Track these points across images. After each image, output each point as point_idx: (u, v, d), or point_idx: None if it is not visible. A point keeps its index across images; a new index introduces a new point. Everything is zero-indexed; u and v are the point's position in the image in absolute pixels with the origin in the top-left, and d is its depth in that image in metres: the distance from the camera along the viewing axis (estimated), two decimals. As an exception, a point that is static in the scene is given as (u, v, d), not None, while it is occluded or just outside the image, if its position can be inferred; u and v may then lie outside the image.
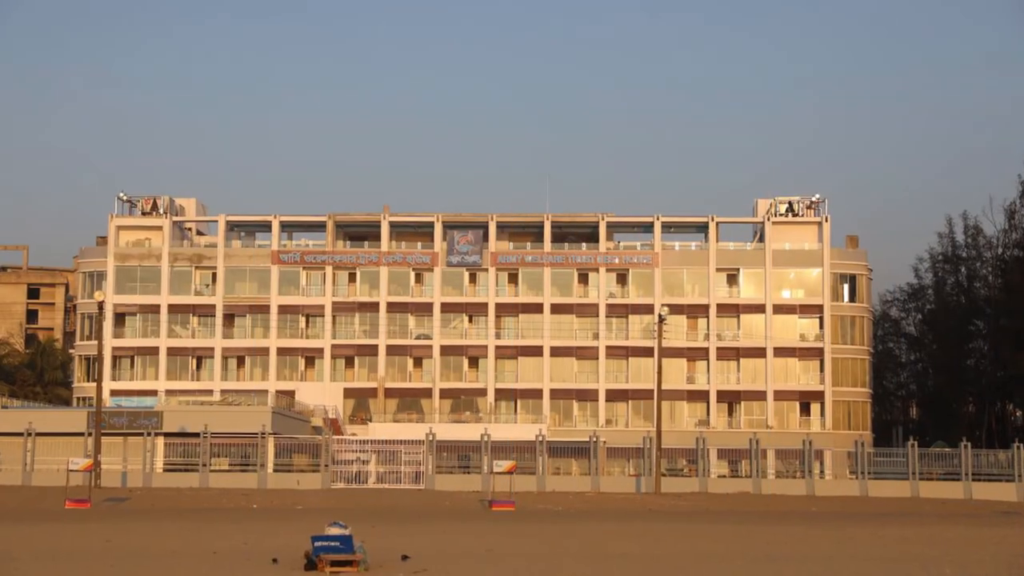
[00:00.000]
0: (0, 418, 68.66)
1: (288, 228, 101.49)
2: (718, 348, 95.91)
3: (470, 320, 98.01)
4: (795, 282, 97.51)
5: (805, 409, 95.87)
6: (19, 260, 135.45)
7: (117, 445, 66.50)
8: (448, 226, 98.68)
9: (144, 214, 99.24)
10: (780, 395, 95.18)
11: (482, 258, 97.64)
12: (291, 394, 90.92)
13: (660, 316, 67.32)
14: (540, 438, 65.26)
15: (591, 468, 64.79)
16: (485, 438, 64.57)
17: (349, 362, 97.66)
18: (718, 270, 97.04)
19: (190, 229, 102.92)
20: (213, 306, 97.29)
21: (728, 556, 32.64)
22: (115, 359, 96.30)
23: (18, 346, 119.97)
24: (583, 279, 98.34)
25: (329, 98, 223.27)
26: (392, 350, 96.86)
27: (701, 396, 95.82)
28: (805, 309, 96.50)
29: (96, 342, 71.70)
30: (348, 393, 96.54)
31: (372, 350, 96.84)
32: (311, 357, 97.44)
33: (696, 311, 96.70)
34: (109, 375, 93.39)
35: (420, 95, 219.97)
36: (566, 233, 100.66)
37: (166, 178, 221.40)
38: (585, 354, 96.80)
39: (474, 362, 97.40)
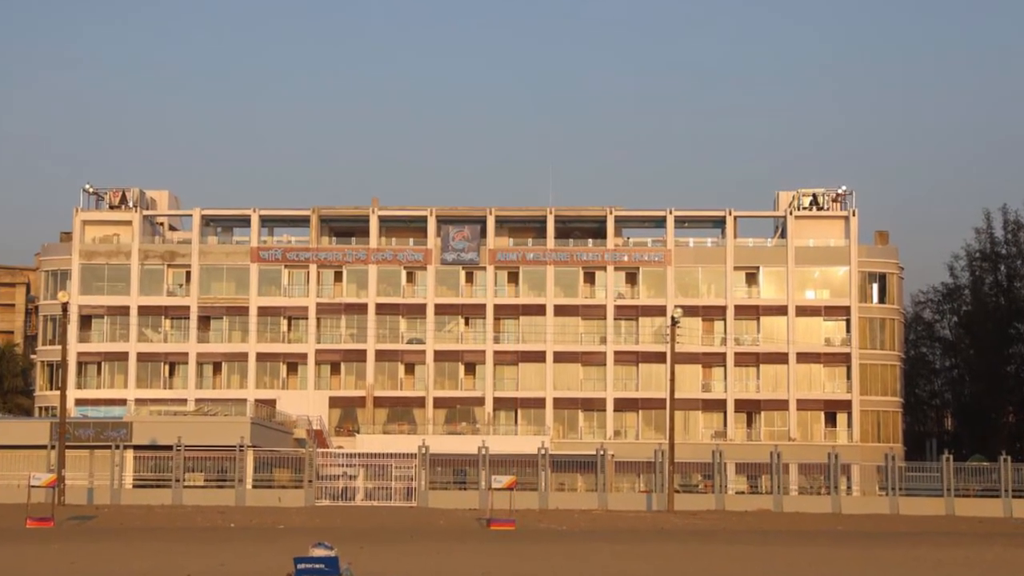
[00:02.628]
0: (-45, 429, 68.60)
1: (269, 223, 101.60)
2: (736, 353, 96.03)
3: (467, 323, 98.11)
4: (820, 282, 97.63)
5: (830, 419, 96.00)
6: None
7: (83, 459, 66.48)
8: (442, 221, 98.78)
9: (112, 208, 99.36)
10: (803, 404, 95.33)
11: (479, 255, 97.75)
12: (272, 403, 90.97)
13: (673, 318, 67.30)
14: (542, 451, 65.31)
15: (598, 484, 64.84)
16: (483, 451, 64.64)
17: (335, 368, 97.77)
18: (736, 268, 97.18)
19: (162, 224, 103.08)
20: (187, 307, 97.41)
21: (747, 579, 32.63)
22: (80, 365, 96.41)
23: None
24: (589, 278, 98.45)
25: (313, 82, 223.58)
26: (382, 355, 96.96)
27: (718, 405, 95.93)
28: (831, 311, 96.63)
29: (60, 347, 71.70)
30: (334, 402, 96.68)
31: (360, 355, 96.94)
32: (294, 363, 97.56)
33: (712, 313, 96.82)
34: (74, 383, 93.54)
35: (412, 79, 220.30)
36: (571, 228, 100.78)
37: (136, 169, 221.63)
38: (591, 360, 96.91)
39: (471, 368, 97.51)
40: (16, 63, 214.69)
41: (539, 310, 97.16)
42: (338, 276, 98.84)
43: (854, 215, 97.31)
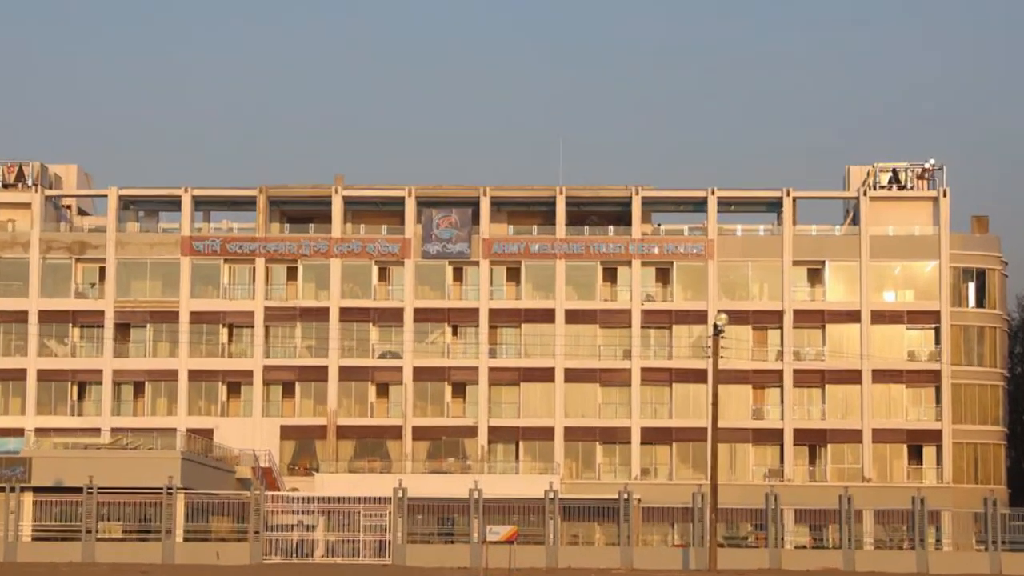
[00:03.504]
0: None
1: (204, 206, 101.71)
2: (795, 371, 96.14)
3: (454, 332, 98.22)
4: (901, 280, 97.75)
5: (915, 454, 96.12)
6: None
7: (-31, 504, 66.54)
8: (424, 203, 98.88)
9: (7, 187, 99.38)
10: (880, 435, 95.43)
11: (471, 247, 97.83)
12: (209, 434, 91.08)
13: (716, 326, 67.33)
14: (550, 494, 65.41)
15: (620, 536, 64.91)
16: (475, 494, 64.71)
17: (288, 390, 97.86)
18: (795, 263, 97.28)
19: (69, 207, 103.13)
20: (101, 313, 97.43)
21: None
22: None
23: None
24: (610, 276, 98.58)
25: (260, 30, 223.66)
26: (347, 373, 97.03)
27: (772, 436, 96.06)
28: (915, 317, 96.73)
29: (-60, 362, 71.84)
30: (286, 433, 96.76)
31: (320, 374, 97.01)
32: (235, 383, 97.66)
33: (765, 319, 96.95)
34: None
35: (385, 25, 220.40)
36: (586, 213, 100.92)
37: (36, 139, 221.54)
38: (612, 379, 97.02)
39: (460, 390, 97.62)
40: None
41: (546, 316, 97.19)
42: (292, 273, 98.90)
43: (945, 196, 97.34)
